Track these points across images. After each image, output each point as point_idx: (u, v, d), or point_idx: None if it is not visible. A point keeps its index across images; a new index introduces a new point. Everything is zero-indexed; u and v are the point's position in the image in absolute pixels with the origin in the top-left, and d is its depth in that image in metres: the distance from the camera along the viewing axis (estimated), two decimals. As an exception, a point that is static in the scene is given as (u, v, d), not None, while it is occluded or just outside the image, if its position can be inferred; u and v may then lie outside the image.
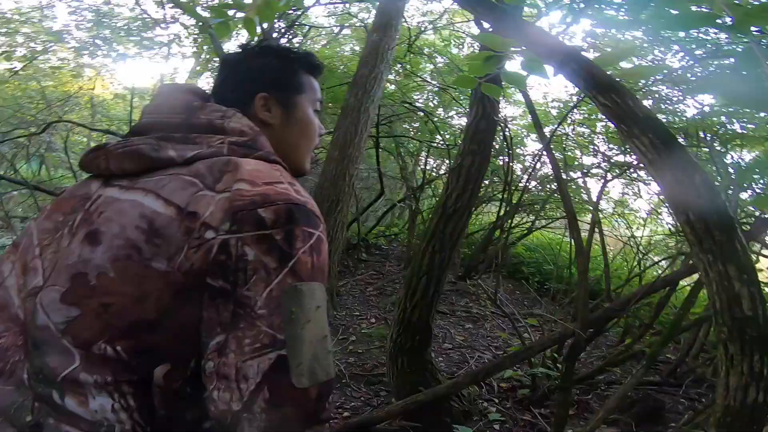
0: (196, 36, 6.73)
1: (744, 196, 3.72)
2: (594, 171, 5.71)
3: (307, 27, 6.23)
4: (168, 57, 6.88)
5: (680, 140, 4.35)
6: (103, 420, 0.55)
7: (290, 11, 5.52)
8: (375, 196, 6.58)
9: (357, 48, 7.32)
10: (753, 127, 3.83)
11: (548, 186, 6.58)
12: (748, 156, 4.27)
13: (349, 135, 4.45)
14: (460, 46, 6.60)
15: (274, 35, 5.58)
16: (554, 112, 6.54)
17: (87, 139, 9.27)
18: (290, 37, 5.78)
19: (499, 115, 3.01)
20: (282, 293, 0.54)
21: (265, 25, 5.30)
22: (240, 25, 1.44)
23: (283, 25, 5.77)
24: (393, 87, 6.67)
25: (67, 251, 0.60)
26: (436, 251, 2.65)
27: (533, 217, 6.96)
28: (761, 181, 3.72)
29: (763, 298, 0.80)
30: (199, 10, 5.30)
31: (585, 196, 6.45)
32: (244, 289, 0.55)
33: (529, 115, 7.13)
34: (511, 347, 4.21)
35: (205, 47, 6.85)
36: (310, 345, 0.55)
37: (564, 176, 6.57)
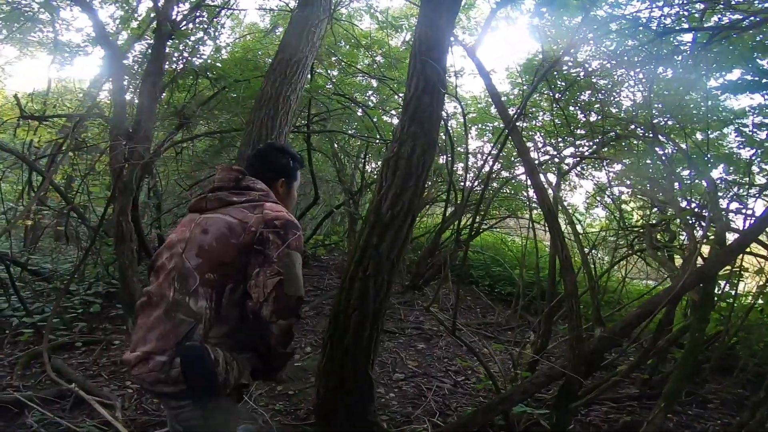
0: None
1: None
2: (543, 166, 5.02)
3: (219, 10, 5.11)
4: (56, 58, 5.42)
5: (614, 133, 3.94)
6: (200, 311, 1.23)
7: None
8: (310, 202, 5.57)
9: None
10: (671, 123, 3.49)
11: (493, 184, 5.90)
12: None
13: (265, 129, 3.45)
14: (396, 36, 5.78)
15: (177, 18, 4.43)
16: (493, 110, 5.87)
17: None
18: (194, 19, 4.66)
19: (448, 87, 2.13)
20: (284, 253, 1.27)
21: (160, 3, 4.17)
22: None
23: (185, 7, 4.64)
24: (330, 86, 5.72)
25: (193, 238, 1.30)
26: (369, 276, 1.75)
27: (479, 218, 6.25)
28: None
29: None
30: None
31: (527, 193, 5.84)
32: (267, 250, 1.26)
33: (474, 110, 6.47)
34: (475, 378, 3.40)
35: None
36: (295, 277, 1.27)
37: (509, 173, 5.94)
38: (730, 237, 2.29)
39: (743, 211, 3.11)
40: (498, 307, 5.14)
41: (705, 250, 2.79)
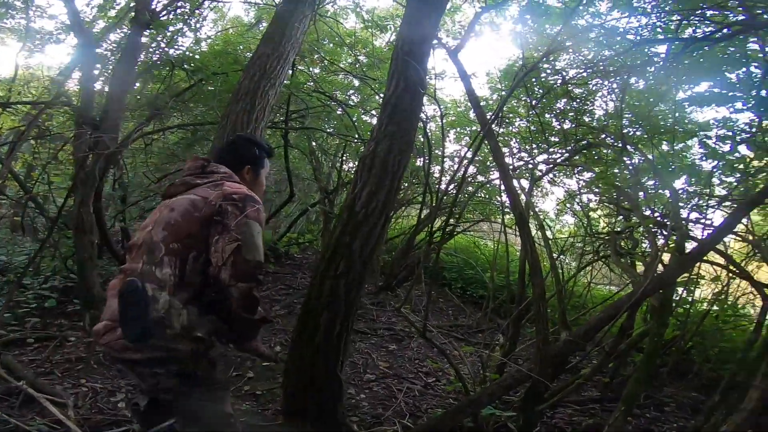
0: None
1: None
2: (516, 171, 5.07)
3: (201, 1, 4.95)
4: (25, 45, 5.12)
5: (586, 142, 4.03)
6: (164, 278, 1.32)
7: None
8: (285, 199, 5.46)
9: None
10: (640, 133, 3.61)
11: (468, 188, 5.94)
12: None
13: (240, 123, 3.35)
14: (381, 36, 5.75)
15: (157, 8, 4.26)
16: (472, 114, 5.92)
17: None
18: (175, 9, 4.50)
19: (428, 88, 2.11)
20: (242, 222, 1.36)
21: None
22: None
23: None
24: (310, 83, 5.63)
25: (161, 216, 1.42)
26: (341, 274, 1.70)
27: (453, 220, 6.29)
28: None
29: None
30: None
31: (501, 198, 5.91)
32: (226, 220, 1.36)
33: (454, 114, 6.50)
34: (446, 379, 3.39)
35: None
36: (253, 243, 1.36)
37: (484, 178, 6.01)
38: (690, 246, 2.37)
39: (702, 221, 3.24)
40: (469, 310, 5.18)
41: (666, 258, 2.88)
